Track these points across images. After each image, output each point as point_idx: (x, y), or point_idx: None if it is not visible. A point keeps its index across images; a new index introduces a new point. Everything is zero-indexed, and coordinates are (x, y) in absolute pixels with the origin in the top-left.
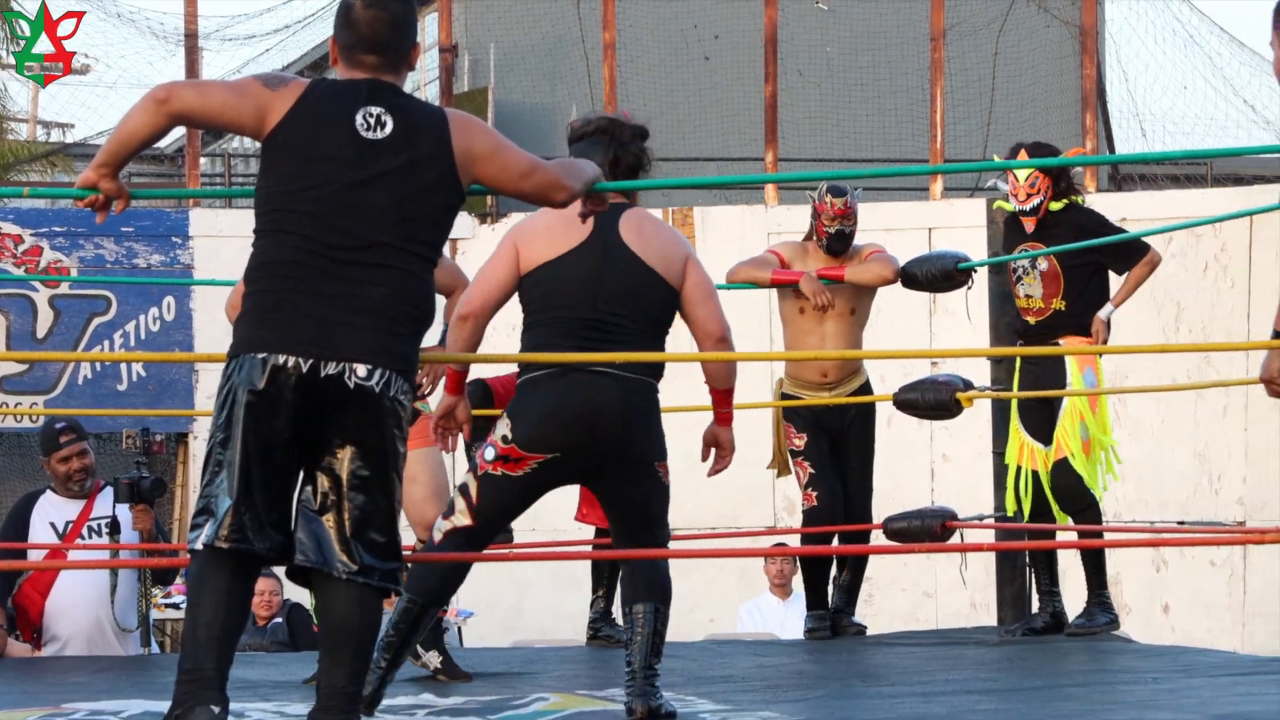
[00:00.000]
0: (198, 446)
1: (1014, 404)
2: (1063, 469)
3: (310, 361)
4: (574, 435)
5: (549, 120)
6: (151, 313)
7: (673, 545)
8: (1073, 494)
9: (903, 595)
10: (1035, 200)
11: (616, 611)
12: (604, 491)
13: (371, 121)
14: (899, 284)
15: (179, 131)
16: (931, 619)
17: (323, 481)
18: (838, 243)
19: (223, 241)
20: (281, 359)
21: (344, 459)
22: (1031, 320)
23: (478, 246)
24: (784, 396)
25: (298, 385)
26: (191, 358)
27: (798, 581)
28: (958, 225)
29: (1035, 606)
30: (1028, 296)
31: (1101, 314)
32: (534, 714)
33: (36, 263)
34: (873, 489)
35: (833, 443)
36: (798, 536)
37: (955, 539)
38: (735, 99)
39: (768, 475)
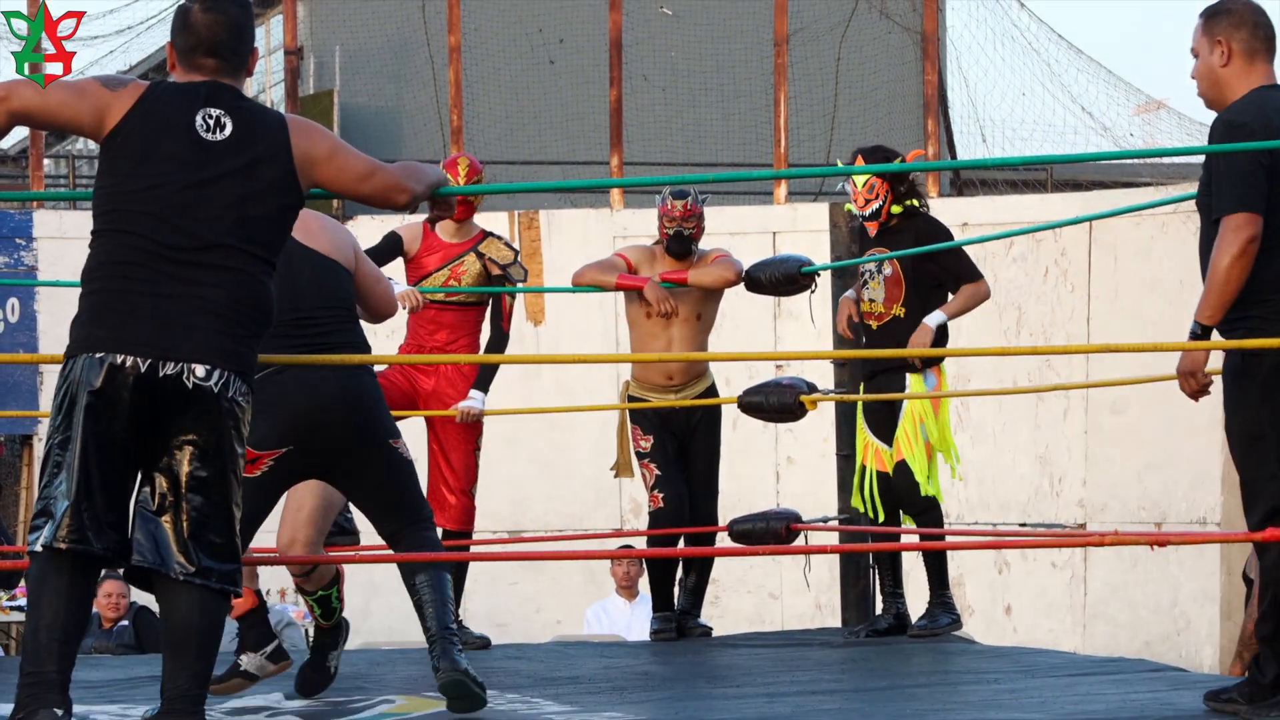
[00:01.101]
0: (41, 449)
1: (859, 406)
2: (902, 471)
3: (149, 361)
4: (300, 428)
5: (394, 123)
6: None
7: (521, 548)
8: (913, 496)
9: (748, 597)
10: (875, 205)
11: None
12: (349, 484)
13: (211, 123)
14: (743, 287)
15: (22, 133)
16: (777, 621)
17: (160, 482)
18: (678, 245)
19: (67, 244)
20: (119, 358)
21: (182, 459)
22: (873, 325)
23: None
24: (630, 399)
25: (136, 385)
26: (35, 359)
27: (644, 583)
28: (801, 229)
29: (880, 608)
30: (870, 300)
31: (929, 320)
32: (379, 715)
33: None
34: (718, 491)
35: (679, 445)
36: (644, 538)
37: (800, 541)
38: (581, 102)
39: (614, 478)
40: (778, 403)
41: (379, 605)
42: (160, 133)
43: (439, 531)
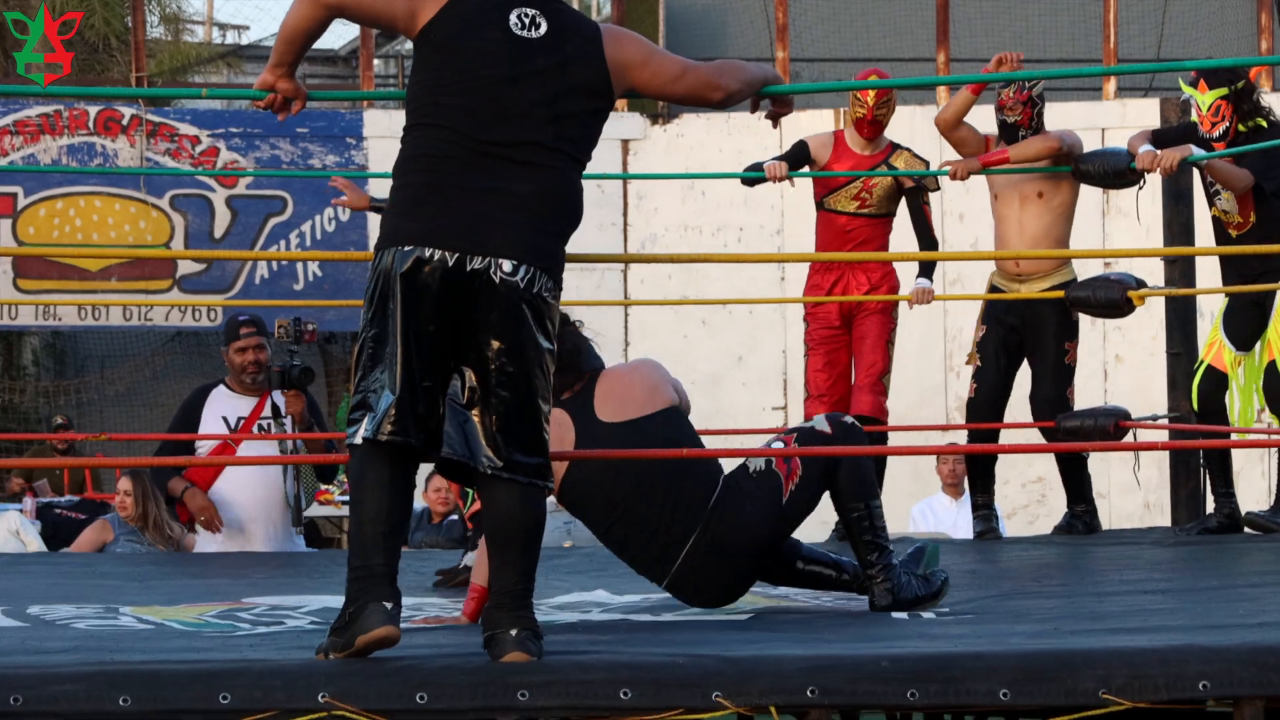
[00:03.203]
0: None
1: (1222, 305)
2: (1272, 372)
3: (456, 256)
4: None
5: (719, 20)
6: (327, 213)
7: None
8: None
9: None
10: (1222, 126)
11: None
12: None
13: (526, 21)
14: (1073, 177)
15: (353, 32)
16: (1105, 520)
17: (470, 376)
18: (1006, 133)
19: (397, 142)
20: (428, 252)
21: (489, 354)
22: (1233, 234)
23: (649, 147)
24: (991, 289)
25: (444, 278)
26: (367, 256)
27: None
28: (1131, 125)
29: (1210, 507)
30: (1225, 212)
31: None
32: (711, 610)
33: (213, 163)
34: (1067, 382)
35: (1020, 338)
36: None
37: (1129, 439)
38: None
39: (940, 375)
40: (1105, 298)
41: None
42: (475, 28)
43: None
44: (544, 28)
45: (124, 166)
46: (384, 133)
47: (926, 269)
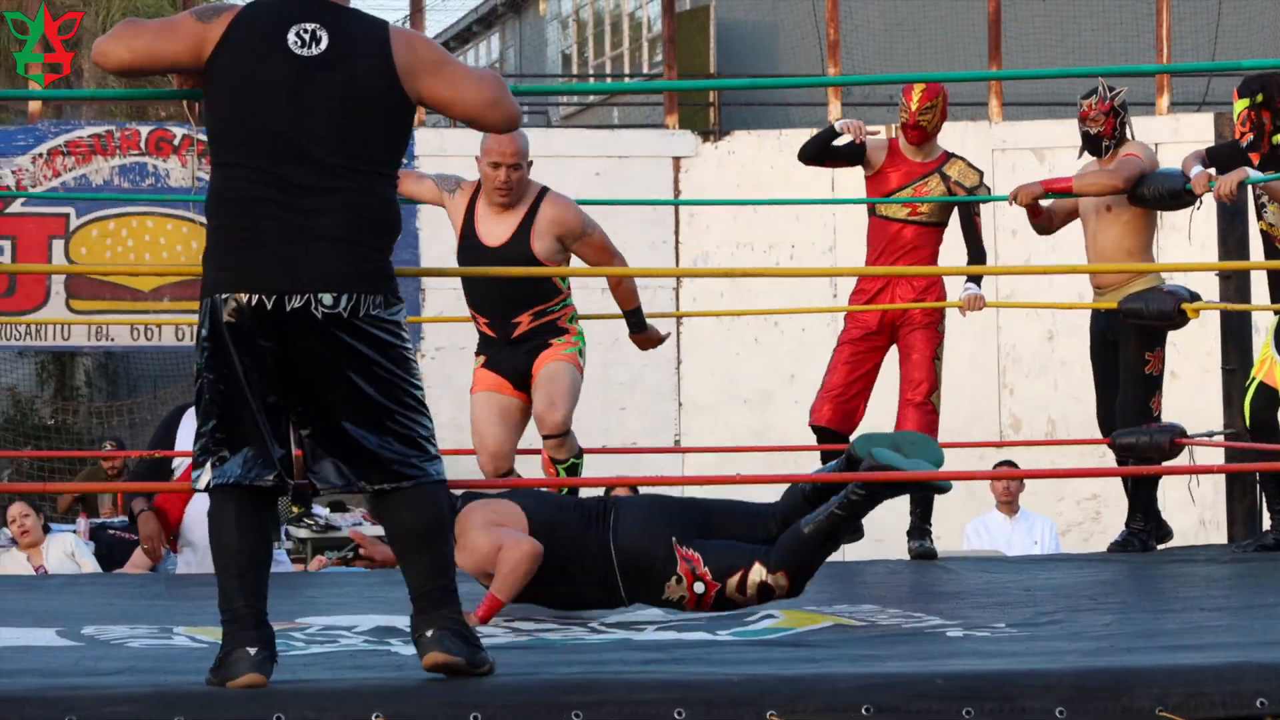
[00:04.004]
0: (425, 364)
1: (1274, 322)
2: None
3: (274, 297)
4: None
5: (771, 37)
6: None
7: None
8: None
9: None
10: (1250, 137)
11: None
12: None
13: (306, 38)
14: (1129, 200)
15: None
16: None
17: (322, 407)
18: (1088, 144)
19: (447, 161)
20: (244, 297)
21: (332, 384)
22: None
23: (700, 165)
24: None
25: (264, 322)
26: (418, 272)
27: (1024, 498)
28: (1184, 140)
29: (1266, 524)
30: (1271, 225)
31: None
32: (764, 630)
33: None
34: (1142, 395)
35: (1112, 350)
36: (1020, 452)
37: (1185, 455)
38: (959, 14)
39: (994, 390)
40: (1157, 309)
41: None
42: (254, 56)
43: None
44: (325, 41)
45: (176, 186)
46: (434, 151)
47: (976, 277)
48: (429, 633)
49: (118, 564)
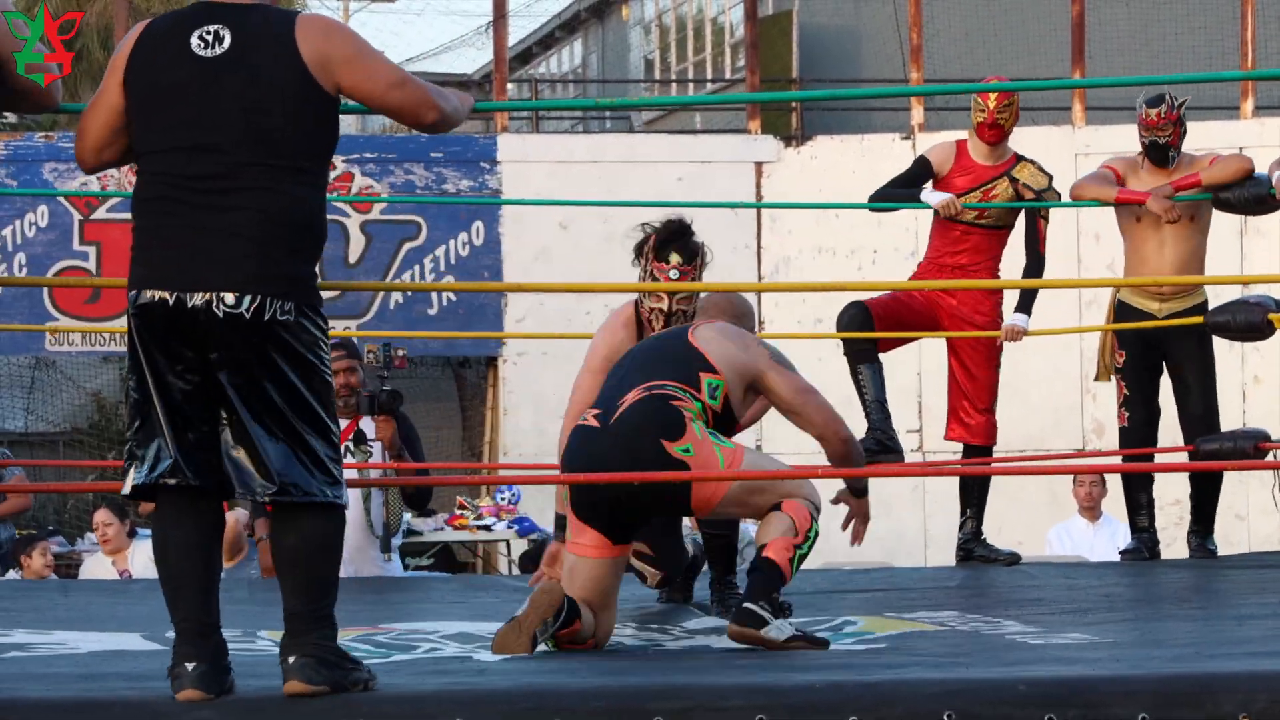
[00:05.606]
0: (507, 370)
1: None
2: None
3: (175, 295)
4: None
5: (853, 42)
6: (461, 237)
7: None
8: None
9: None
10: None
11: (987, 530)
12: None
13: (209, 39)
14: (1214, 205)
15: (486, 56)
16: (1244, 542)
17: (228, 409)
18: (1155, 153)
19: (530, 166)
20: (149, 294)
21: (236, 386)
22: None
23: (782, 170)
24: (1120, 304)
25: (167, 319)
26: (497, 287)
27: (1107, 504)
28: (1269, 144)
29: None
30: None
31: None
32: (844, 636)
33: (348, 189)
34: (1213, 404)
35: (1159, 357)
36: (1106, 459)
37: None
38: (1042, 19)
39: (1076, 396)
40: (1244, 321)
41: (834, 526)
42: (160, 63)
43: (962, 447)
44: (227, 41)
45: None
46: (518, 157)
47: (1026, 300)
48: (291, 659)
49: None
